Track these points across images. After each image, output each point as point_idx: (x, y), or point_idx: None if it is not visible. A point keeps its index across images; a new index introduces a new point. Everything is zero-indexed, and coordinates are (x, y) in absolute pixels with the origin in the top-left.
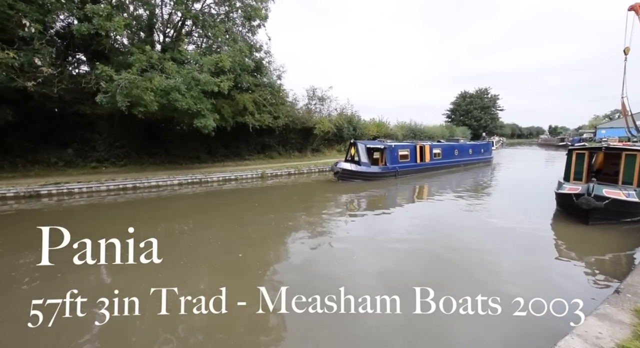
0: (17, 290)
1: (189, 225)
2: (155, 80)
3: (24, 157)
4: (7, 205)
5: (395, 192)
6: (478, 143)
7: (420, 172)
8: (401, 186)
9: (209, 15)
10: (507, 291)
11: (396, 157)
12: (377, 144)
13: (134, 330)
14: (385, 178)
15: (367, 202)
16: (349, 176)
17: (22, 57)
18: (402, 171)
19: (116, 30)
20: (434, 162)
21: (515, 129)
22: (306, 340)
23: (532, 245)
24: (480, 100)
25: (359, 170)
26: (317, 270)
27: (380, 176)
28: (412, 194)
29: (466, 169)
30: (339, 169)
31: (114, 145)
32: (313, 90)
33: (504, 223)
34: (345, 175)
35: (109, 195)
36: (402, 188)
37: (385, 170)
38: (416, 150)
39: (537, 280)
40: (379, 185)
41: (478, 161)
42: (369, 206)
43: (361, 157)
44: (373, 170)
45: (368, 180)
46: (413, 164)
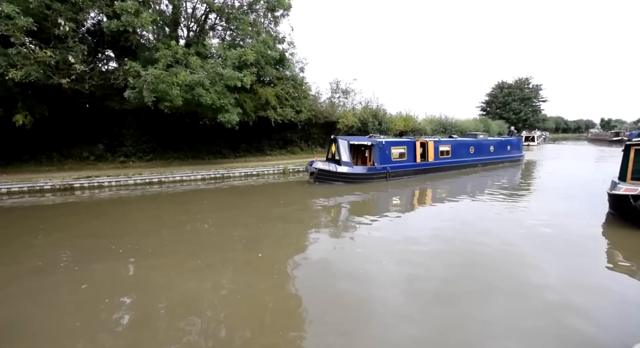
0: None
1: (213, 220)
2: (181, 75)
3: (59, 152)
4: (45, 197)
5: (380, 197)
6: (503, 139)
7: (420, 173)
8: (392, 190)
9: (232, 7)
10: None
11: (388, 156)
12: (363, 140)
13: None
14: (372, 180)
15: (333, 211)
16: (326, 177)
17: (57, 55)
18: (396, 172)
19: (143, 26)
20: (440, 161)
21: (560, 122)
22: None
23: (579, 255)
24: (520, 91)
25: (338, 170)
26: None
27: (365, 178)
28: (403, 200)
29: (485, 170)
30: (314, 169)
31: (141, 140)
32: (337, 83)
33: (546, 227)
34: (322, 176)
35: (136, 189)
36: (392, 193)
37: (372, 171)
38: (415, 148)
39: (589, 299)
40: (363, 188)
41: (502, 160)
42: (336, 217)
43: (342, 155)
44: (356, 171)
45: (350, 182)
46: (411, 164)
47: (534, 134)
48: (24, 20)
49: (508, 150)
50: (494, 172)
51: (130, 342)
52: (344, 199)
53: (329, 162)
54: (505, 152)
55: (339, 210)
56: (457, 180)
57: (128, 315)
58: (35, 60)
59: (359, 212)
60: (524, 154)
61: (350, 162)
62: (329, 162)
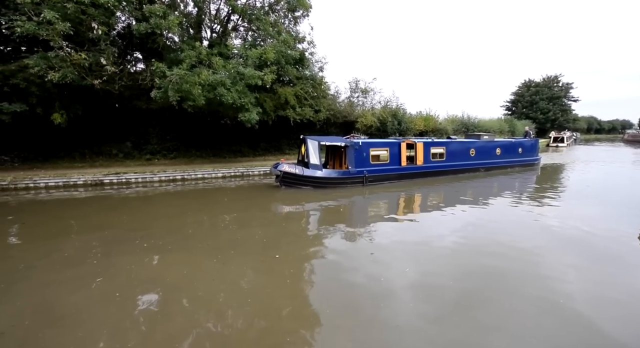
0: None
1: (232, 218)
2: (203, 74)
3: (91, 149)
4: (78, 192)
5: (354, 204)
6: (513, 140)
7: (406, 178)
8: (360, 197)
9: (254, 8)
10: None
11: (366, 159)
12: (337, 141)
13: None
14: (346, 185)
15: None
16: (293, 181)
17: (90, 57)
18: (375, 177)
19: (170, 28)
20: (431, 165)
21: (592, 122)
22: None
23: (612, 265)
24: (549, 90)
25: (305, 174)
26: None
27: (337, 183)
28: (382, 209)
29: (490, 175)
30: (279, 171)
31: (165, 138)
32: (356, 82)
33: (578, 231)
34: (289, 179)
35: (160, 185)
36: (360, 200)
37: (345, 175)
38: (400, 150)
39: (621, 312)
40: (331, 194)
41: (511, 164)
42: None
43: (310, 157)
44: (326, 175)
45: (320, 187)
46: (394, 168)
47: (564, 135)
48: (62, 25)
49: (519, 153)
50: (500, 177)
51: (147, 330)
52: (297, 207)
53: (297, 165)
54: (515, 155)
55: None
56: (449, 186)
57: (149, 306)
58: (71, 62)
59: (303, 223)
60: (540, 157)
61: (320, 164)
62: (299, 164)
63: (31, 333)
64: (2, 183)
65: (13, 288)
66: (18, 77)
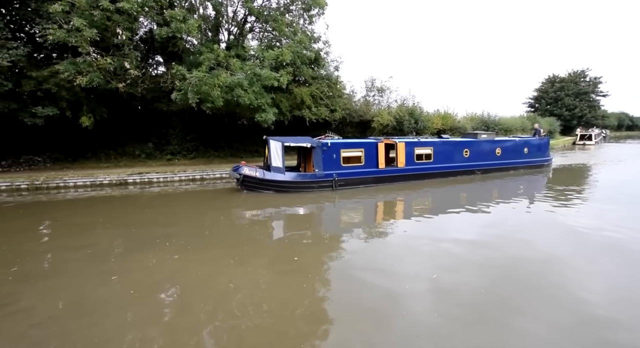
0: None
1: (249, 218)
2: (221, 76)
3: (115, 150)
4: (104, 191)
5: (299, 212)
6: (517, 139)
7: (384, 181)
8: (339, 203)
9: (270, 9)
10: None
11: (336, 161)
12: (303, 142)
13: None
14: (312, 190)
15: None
16: (254, 185)
17: (115, 62)
18: (347, 180)
19: (190, 32)
20: (415, 167)
21: (623, 118)
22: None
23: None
24: (575, 85)
25: (267, 178)
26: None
27: (301, 187)
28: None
29: (489, 178)
30: (238, 174)
31: (185, 139)
32: (372, 81)
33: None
34: (250, 183)
35: (180, 185)
36: (339, 207)
37: (312, 178)
38: (377, 151)
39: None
40: (292, 200)
41: (514, 166)
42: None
43: (272, 159)
44: (287, 179)
45: (282, 191)
46: (370, 171)
47: (592, 132)
48: (89, 31)
49: (525, 154)
50: (499, 180)
51: (169, 326)
52: (251, 212)
53: (259, 168)
54: (520, 155)
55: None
56: (430, 191)
57: (170, 302)
58: (97, 67)
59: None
60: (551, 157)
61: (282, 167)
62: (261, 167)
63: (65, 324)
64: (36, 182)
65: (48, 282)
66: (50, 82)
